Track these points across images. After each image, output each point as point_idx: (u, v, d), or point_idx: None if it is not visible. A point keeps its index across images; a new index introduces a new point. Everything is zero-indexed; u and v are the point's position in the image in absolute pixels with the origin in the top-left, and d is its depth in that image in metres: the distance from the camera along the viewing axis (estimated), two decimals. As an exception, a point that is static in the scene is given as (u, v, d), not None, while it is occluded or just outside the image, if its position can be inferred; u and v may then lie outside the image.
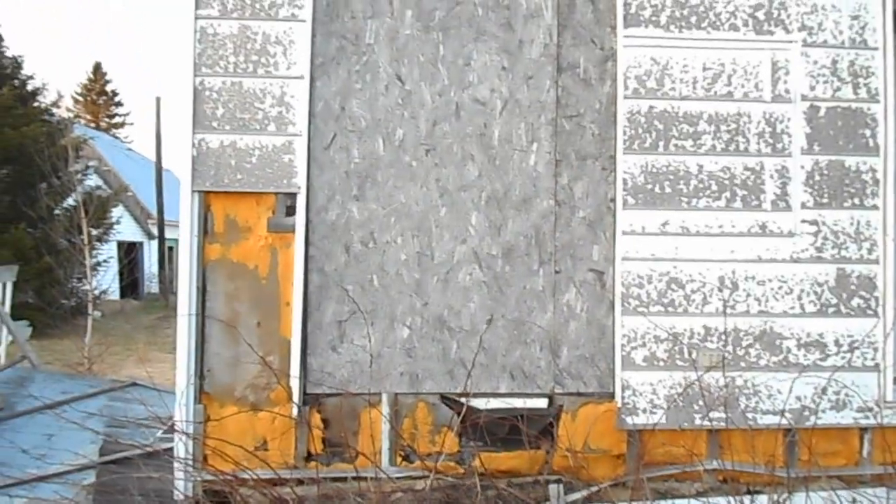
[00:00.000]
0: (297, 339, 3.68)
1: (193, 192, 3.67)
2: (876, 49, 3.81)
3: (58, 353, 12.24)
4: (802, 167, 3.75)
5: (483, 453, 3.63)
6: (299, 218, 3.68)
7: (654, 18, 3.74)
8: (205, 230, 3.72)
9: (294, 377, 3.64)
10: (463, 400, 3.62)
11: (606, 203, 3.79)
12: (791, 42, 3.76)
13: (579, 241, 3.78)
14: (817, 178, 3.76)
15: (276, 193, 3.72)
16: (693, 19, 3.75)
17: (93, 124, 40.98)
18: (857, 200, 3.77)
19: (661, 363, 3.69)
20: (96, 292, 15.41)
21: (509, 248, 3.77)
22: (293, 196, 3.70)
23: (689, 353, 3.68)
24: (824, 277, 3.74)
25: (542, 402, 3.77)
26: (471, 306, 3.77)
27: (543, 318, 3.76)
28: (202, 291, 3.70)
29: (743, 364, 3.69)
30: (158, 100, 25.31)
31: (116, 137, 41.17)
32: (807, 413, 3.67)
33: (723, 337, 3.68)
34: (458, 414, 3.64)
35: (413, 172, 3.78)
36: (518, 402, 3.75)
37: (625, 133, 3.73)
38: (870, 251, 3.77)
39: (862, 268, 3.76)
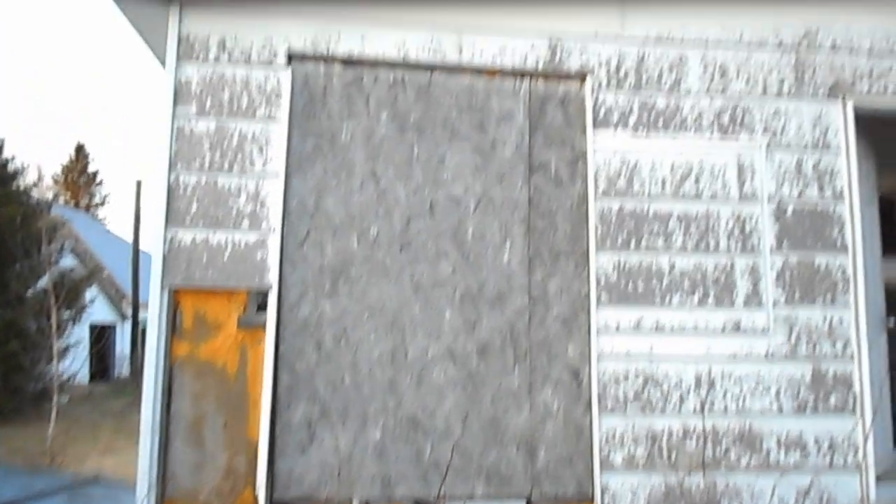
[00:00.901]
0: (265, 440, 3.55)
1: (163, 288, 3.61)
2: (839, 151, 3.94)
3: (21, 442, 11.74)
4: (773, 265, 3.80)
5: (458, 563, 3.47)
6: (271, 315, 3.63)
7: (621, 122, 3.85)
8: (173, 327, 3.65)
9: (261, 482, 3.49)
10: (437, 506, 3.49)
11: (580, 300, 3.79)
12: (756, 144, 3.88)
13: (554, 338, 3.75)
14: (788, 276, 3.80)
15: (248, 290, 3.67)
16: (660, 122, 3.87)
17: (72, 203, 40.92)
18: (829, 298, 3.80)
19: (641, 465, 3.60)
20: (64, 377, 14.95)
21: (484, 346, 3.73)
22: (265, 293, 3.65)
23: (669, 455, 3.60)
24: (800, 375, 3.73)
25: (519, 507, 3.64)
26: (445, 405, 3.68)
27: (520, 418, 3.68)
28: (167, 391, 3.59)
29: (723, 465, 3.61)
30: (139, 183, 25.39)
31: (95, 217, 41.06)
32: (790, 517, 3.58)
33: (702, 437, 3.62)
34: (432, 521, 3.49)
35: (387, 269, 3.76)
36: (494, 507, 3.62)
37: (597, 231, 3.77)
38: (844, 349, 3.77)
39: (837, 366, 3.76)
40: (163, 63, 3.95)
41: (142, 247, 24.82)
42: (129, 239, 26.39)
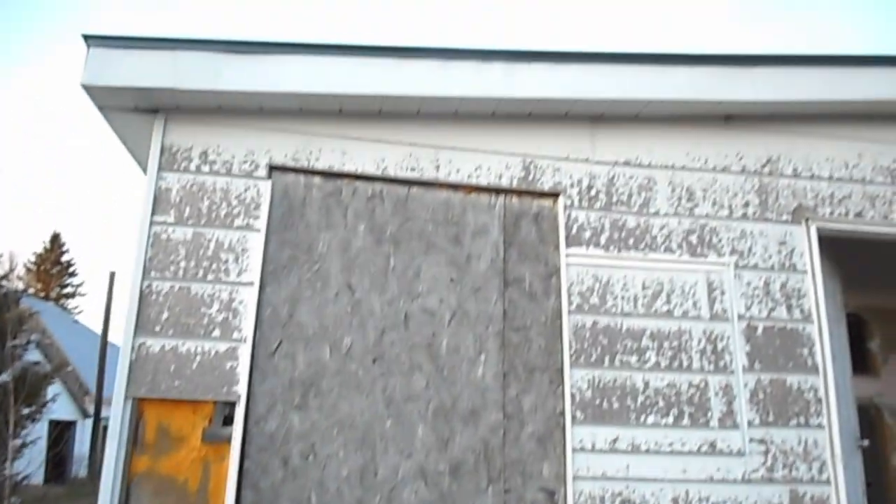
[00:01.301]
0: (224, 565, 3.36)
1: (127, 398, 3.51)
2: (804, 272, 4.04)
3: (-39, 553, 10.96)
4: (746, 385, 3.80)
5: None
6: (237, 428, 3.52)
7: (593, 239, 3.94)
8: (134, 440, 3.51)
9: None
10: None
11: (555, 417, 3.74)
12: (724, 265, 3.97)
13: (529, 456, 3.67)
14: (761, 396, 3.80)
15: (215, 402, 3.58)
16: (631, 241, 3.96)
17: (42, 294, 40.22)
18: (802, 419, 3.80)
19: None
20: (18, 478, 14.19)
21: (457, 464, 3.63)
22: (232, 404, 3.56)
23: (646, 585, 3.46)
24: (778, 499, 3.67)
25: None
26: (415, 528, 3.54)
27: (492, 543, 3.54)
28: (123, 509, 3.41)
29: None
30: (112, 274, 25.14)
31: (65, 309, 40.30)
32: None
33: (680, 566, 3.50)
34: None
35: (359, 381, 3.70)
36: None
37: (571, 347, 3.78)
38: (820, 471, 3.73)
39: (814, 489, 3.70)
40: (144, 170, 4.01)
41: (111, 338, 24.26)
42: (99, 330, 25.83)
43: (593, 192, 4.05)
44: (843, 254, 4.73)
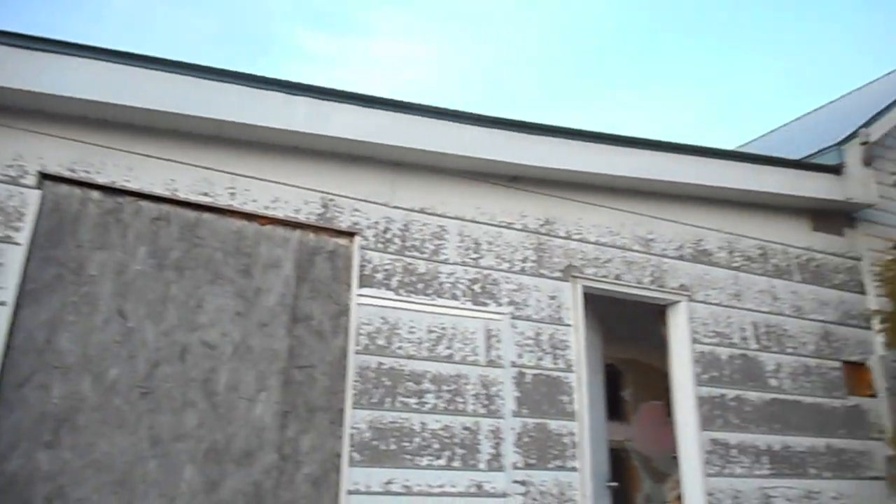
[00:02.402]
0: None
1: None
2: (570, 326, 4.45)
3: None
4: (513, 429, 4.07)
5: None
6: (-34, 469, 3.07)
7: (385, 281, 4.04)
8: None
9: None
10: None
11: (332, 459, 3.71)
12: (502, 314, 4.26)
13: (302, 499, 3.60)
14: (526, 439, 4.08)
15: (-59, 438, 3.09)
16: (420, 286, 4.12)
17: None
18: (559, 462, 4.13)
19: None
20: None
21: (224, 508, 3.46)
22: (-37, 442, 3.10)
23: None
24: (534, 537, 3.93)
25: None
26: (171, 577, 3.29)
27: (255, 590, 3.40)
28: None
29: None
30: None
31: None
32: None
33: None
34: None
35: (123, 418, 3.41)
36: None
37: (354, 388, 3.80)
38: (571, 510, 4.07)
39: (565, 527, 4.03)
40: None
41: None
42: None
43: (389, 236, 4.16)
44: (605, 310, 5.29)
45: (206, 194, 3.81)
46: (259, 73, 3.93)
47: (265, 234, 3.95)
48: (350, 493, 3.62)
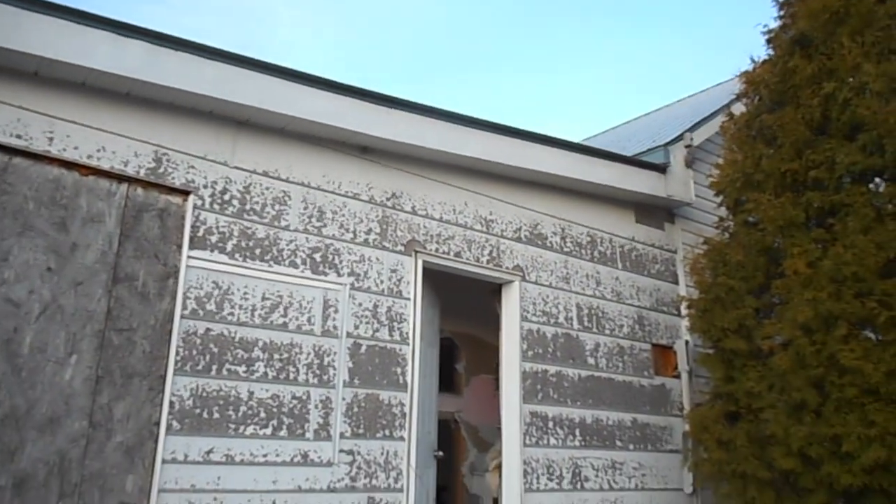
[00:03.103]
0: None
1: None
2: (408, 299, 4.51)
3: None
4: (344, 399, 4.08)
5: None
6: None
7: (220, 245, 3.87)
8: None
9: None
10: None
11: (149, 427, 3.53)
12: (341, 284, 4.23)
13: (112, 469, 3.39)
14: (356, 409, 4.11)
15: None
16: (258, 251, 3.99)
17: None
18: (387, 432, 4.20)
19: None
20: None
21: (23, 478, 3.18)
22: None
23: None
24: (357, 505, 3.98)
25: None
26: (-47, 554, 3.00)
27: (53, 565, 3.18)
28: None
29: None
30: None
31: None
32: None
33: (258, 574, 3.56)
34: None
35: None
36: None
37: (178, 353, 3.63)
38: (396, 480, 4.16)
39: (389, 496, 4.11)
40: None
41: None
42: None
43: (227, 197, 3.98)
44: (444, 286, 5.42)
45: (19, 137, 3.44)
46: (89, 10, 3.59)
47: (86, 185, 3.63)
48: (166, 462, 3.47)
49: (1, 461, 3.16)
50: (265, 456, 3.74)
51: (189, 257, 3.77)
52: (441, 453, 5.21)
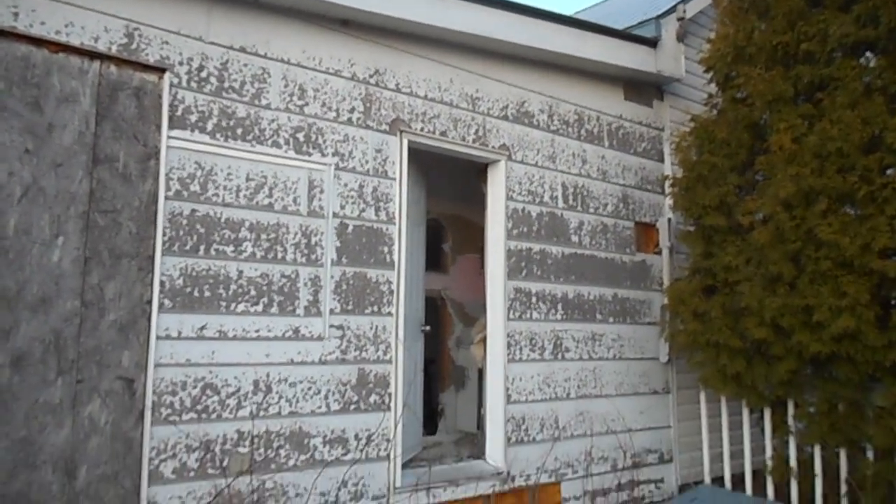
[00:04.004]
0: None
1: None
2: (394, 179, 4.50)
3: None
4: (332, 277, 4.15)
5: None
6: None
7: (200, 124, 3.79)
8: None
9: None
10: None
11: (142, 305, 3.60)
12: (326, 165, 4.20)
13: (108, 346, 3.50)
14: (345, 287, 4.20)
15: None
16: (239, 131, 3.92)
17: None
18: (376, 308, 4.32)
19: (192, 473, 3.59)
20: None
21: (20, 356, 3.28)
22: None
23: (221, 461, 3.66)
24: (348, 377, 4.15)
25: (51, 532, 3.29)
26: (-38, 426, 3.13)
27: (59, 436, 3.33)
28: None
29: (273, 466, 3.82)
30: None
31: None
32: (330, 506, 3.96)
33: (255, 440, 3.77)
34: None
35: None
36: (19, 537, 3.21)
37: (165, 234, 3.64)
38: (385, 352, 4.32)
39: (378, 367, 4.29)
40: None
41: None
42: None
43: (204, 74, 3.86)
44: (431, 166, 5.39)
45: (-21, 9, 3.27)
46: None
47: (57, 62, 3.50)
48: (160, 338, 3.58)
49: (-2, 340, 3.24)
50: (257, 331, 3.85)
51: (169, 137, 3.71)
52: (428, 328, 5.39)
